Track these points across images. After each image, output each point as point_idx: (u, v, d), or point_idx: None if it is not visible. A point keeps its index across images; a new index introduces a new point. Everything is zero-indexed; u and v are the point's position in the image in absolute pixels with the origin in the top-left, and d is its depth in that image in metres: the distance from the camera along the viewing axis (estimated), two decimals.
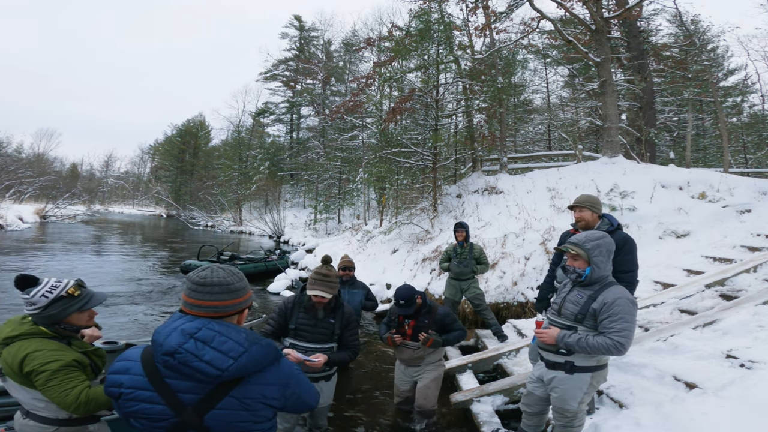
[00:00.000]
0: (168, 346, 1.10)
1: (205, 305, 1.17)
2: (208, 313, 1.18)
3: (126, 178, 66.83)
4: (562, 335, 2.25)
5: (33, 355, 1.61)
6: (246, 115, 37.06)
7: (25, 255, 12.30)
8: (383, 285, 8.32)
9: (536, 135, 24.09)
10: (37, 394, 1.66)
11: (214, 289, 1.18)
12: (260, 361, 1.14)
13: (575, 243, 2.33)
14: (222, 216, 31.89)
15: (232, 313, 1.23)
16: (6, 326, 1.71)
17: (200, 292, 1.18)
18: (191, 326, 1.14)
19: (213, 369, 1.07)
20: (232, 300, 1.21)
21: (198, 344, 1.10)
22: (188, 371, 1.08)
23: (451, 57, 12.31)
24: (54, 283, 1.71)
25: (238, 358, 1.09)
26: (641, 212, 7.31)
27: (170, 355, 1.09)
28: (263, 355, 1.15)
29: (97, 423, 1.82)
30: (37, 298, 1.67)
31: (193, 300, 1.18)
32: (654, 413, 2.54)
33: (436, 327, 3.22)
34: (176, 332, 1.13)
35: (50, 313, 1.68)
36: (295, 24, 37.16)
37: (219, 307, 1.19)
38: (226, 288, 1.20)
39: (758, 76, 19.63)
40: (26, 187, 29.65)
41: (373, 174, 15.10)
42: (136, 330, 6.01)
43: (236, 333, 1.15)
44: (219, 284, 1.19)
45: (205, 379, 1.08)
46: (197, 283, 1.19)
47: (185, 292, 1.21)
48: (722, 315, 3.78)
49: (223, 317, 1.20)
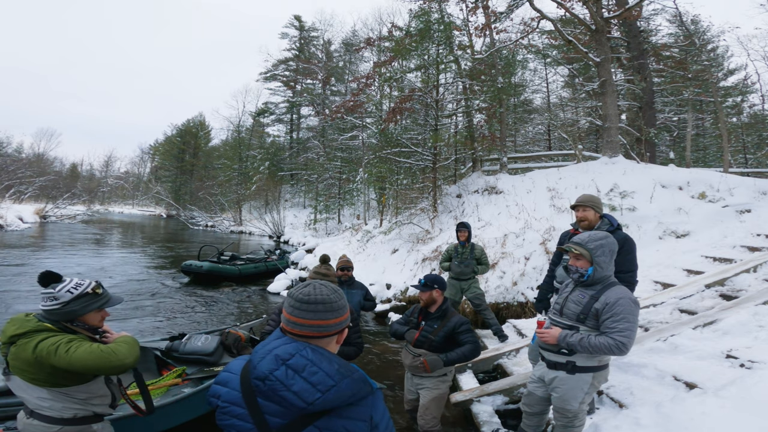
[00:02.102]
0: (260, 371, 1.10)
1: (308, 324, 1.14)
2: (310, 332, 1.15)
3: (126, 178, 66.84)
4: (564, 335, 2.25)
5: (45, 341, 1.65)
6: (246, 115, 37.15)
7: (25, 255, 12.30)
8: (383, 285, 8.32)
9: (536, 135, 24.10)
10: (42, 393, 1.67)
11: (318, 308, 1.15)
12: (349, 396, 1.09)
13: (578, 243, 2.32)
14: (222, 216, 31.88)
15: (333, 333, 1.19)
16: (11, 325, 1.72)
17: (303, 310, 1.15)
18: (285, 351, 1.11)
19: (299, 401, 1.05)
20: (335, 319, 1.18)
21: (289, 372, 1.08)
22: (277, 399, 1.07)
23: (451, 57, 12.32)
24: (78, 281, 1.80)
25: (326, 393, 1.06)
26: (641, 212, 7.31)
27: (261, 381, 1.09)
28: (353, 390, 1.10)
29: (101, 422, 1.82)
30: (62, 293, 1.72)
31: (295, 318, 1.15)
32: (654, 413, 2.55)
33: (443, 335, 2.86)
34: (270, 356, 1.11)
35: (71, 308, 1.73)
36: (295, 24, 37.19)
37: (322, 326, 1.16)
38: (330, 306, 1.17)
39: (758, 76, 19.65)
40: (26, 187, 29.62)
41: (373, 174, 15.13)
42: (136, 330, 6.01)
43: (329, 364, 1.10)
44: (323, 302, 1.16)
45: (291, 408, 1.07)
46: (300, 301, 1.16)
47: (286, 309, 1.17)
48: (722, 315, 3.78)
49: (324, 337, 1.17)
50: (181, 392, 3.10)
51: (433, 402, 2.92)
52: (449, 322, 2.90)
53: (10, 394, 2.68)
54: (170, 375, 3.34)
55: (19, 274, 9.44)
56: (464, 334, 2.86)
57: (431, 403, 2.92)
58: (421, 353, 2.89)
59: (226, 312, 7.38)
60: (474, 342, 2.86)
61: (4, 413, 2.59)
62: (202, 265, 9.66)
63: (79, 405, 1.74)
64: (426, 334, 2.91)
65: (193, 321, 6.69)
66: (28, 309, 6.58)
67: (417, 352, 2.93)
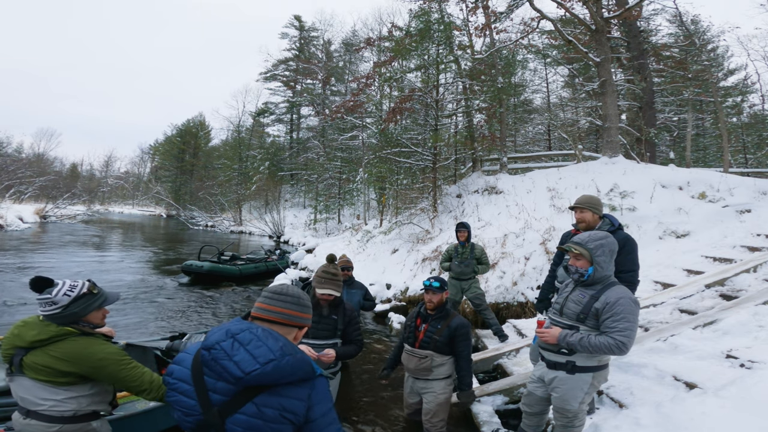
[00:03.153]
0: (208, 341, 1.17)
1: (275, 310, 1.26)
2: (274, 317, 1.26)
3: (126, 178, 66.81)
4: (564, 335, 2.26)
5: (104, 347, 1.70)
6: (246, 115, 37.16)
7: (26, 255, 12.30)
8: (383, 285, 8.32)
9: (536, 135, 24.11)
10: (51, 392, 1.68)
11: (287, 298, 1.28)
12: (288, 373, 1.12)
13: (578, 243, 2.33)
14: (222, 216, 31.88)
15: (294, 325, 1.29)
16: (28, 329, 1.72)
17: (274, 299, 1.28)
18: (237, 327, 1.20)
19: (237, 370, 1.09)
20: (299, 313, 1.30)
21: (235, 344, 1.14)
22: (218, 368, 1.12)
23: (451, 57, 12.32)
24: (72, 283, 1.79)
25: (264, 365, 1.09)
26: (641, 212, 7.31)
27: (207, 350, 1.16)
28: (293, 368, 1.13)
29: (98, 420, 1.83)
30: (60, 297, 1.73)
31: (264, 305, 1.27)
32: (654, 413, 2.55)
33: (447, 336, 2.87)
34: (222, 330, 1.19)
35: (73, 311, 1.74)
36: (295, 24, 37.21)
37: (286, 314, 1.27)
38: (297, 300, 1.30)
39: (758, 76, 19.66)
40: (26, 187, 29.62)
41: (373, 174, 15.14)
42: (136, 330, 6.01)
43: (274, 342, 1.16)
44: (293, 295, 1.31)
45: (230, 380, 1.10)
46: (273, 291, 1.30)
47: (259, 299, 1.31)
48: (722, 315, 3.79)
49: (284, 324, 1.26)
50: None
51: (440, 406, 2.93)
52: (451, 322, 2.90)
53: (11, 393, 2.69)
54: None
55: (18, 274, 9.44)
56: (461, 341, 2.88)
57: (439, 408, 2.92)
58: (428, 354, 2.88)
59: (227, 312, 7.38)
60: (469, 352, 2.92)
61: (4, 413, 2.58)
62: (203, 265, 9.66)
63: (83, 403, 1.75)
64: (431, 335, 2.90)
65: (193, 321, 6.69)
66: (27, 309, 6.57)
67: (423, 354, 2.91)
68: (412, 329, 3.03)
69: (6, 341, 1.75)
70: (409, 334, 3.04)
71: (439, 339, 2.86)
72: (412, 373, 3.01)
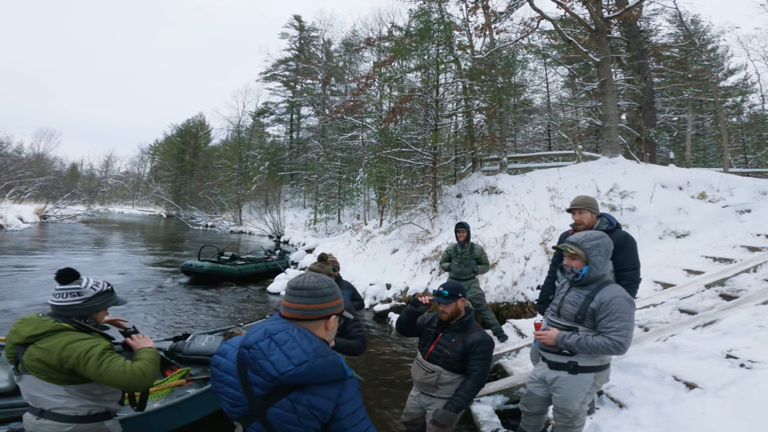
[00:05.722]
0: (248, 340, 1.24)
1: (294, 307, 1.28)
2: (296, 315, 1.28)
3: (126, 178, 66.78)
4: (562, 336, 2.26)
5: (72, 345, 1.68)
6: (246, 115, 37.18)
7: (25, 255, 12.31)
8: (383, 285, 8.32)
9: (536, 135, 24.11)
10: (60, 390, 1.69)
11: (303, 293, 1.29)
12: (320, 374, 1.18)
13: (574, 242, 2.33)
14: (222, 216, 31.88)
15: (319, 317, 1.30)
16: (25, 325, 1.73)
17: (293, 296, 1.30)
18: (275, 327, 1.25)
19: (273, 370, 1.16)
20: (319, 305, 1.30)
21: (272, 344, 1.20)
22: (256, 366, 1.19)
23: (451, 57, 12.32)
24: (96, 279, 1.92)
25: (298, 366, 1.15)
26: (641, 212, 7.32)
27: (247, 349, 1.22)
28: (325, 370, 1.19)
29: (111, 420, 1.85)
30: (88, 289, 1.82)
31: (287, 303, 1.31)
32: (654, 413, 2.55)
33: (460, 351, 2.47)
34: (261, 330, 1.25)
35: (92, 304, 1.82)
36: (295, 24, 37.21)
37: (305, 310, 1.28)
38: (314, 292, 1.30)
39: (758, 76, 19.67)
40: (26, 187, 29.62)
41: (373, 174, 15.13)
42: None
43: (308, 344, 1.21)
44: (308, 288, 1.30)
45: (267, 378, 1.17)
46: (292, 287, 1.32)
47: (284, 296, 1.34)
48: (722, 315, 3.79)
49: (310, 320, 1.29)
50: (185, 393, 3.10)
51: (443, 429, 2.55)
52: (468, 337, 2.49)
53: (14, 394, 2.68)
54: (174, 376, 3.33)
55: (18, 274, 9.44)
56: (475, 360, 2.44)
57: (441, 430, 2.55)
58: (435, 370, 2.51)
59: (227, 312, 7.38)
60: (482, 372, 2.45)
61: (9, 414, 2.58)
62: (203, 265, 9.67)
63: (93, 401, 1.77)
64: (442, 348, 2.52)
65: (193, 321, 6.69)
66: (28, 309, 6.57)
67: (431, 368, 2.53)
68: (428, 335, 2.65)
69: (7, 340, 1.76)
70: (424, 342, 2.66)
71: (450, 354, 2.48)
72: (417, 385, 2.66)
